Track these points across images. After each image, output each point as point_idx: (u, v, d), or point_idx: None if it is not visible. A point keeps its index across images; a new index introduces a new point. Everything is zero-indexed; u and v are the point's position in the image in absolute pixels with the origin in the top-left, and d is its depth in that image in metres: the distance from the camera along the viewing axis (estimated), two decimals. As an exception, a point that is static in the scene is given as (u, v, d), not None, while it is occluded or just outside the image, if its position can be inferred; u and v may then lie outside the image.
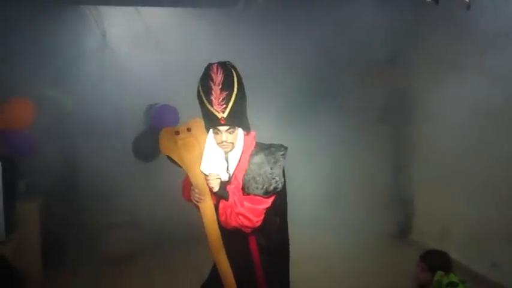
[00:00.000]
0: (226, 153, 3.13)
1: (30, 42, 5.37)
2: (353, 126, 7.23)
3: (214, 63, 3.02)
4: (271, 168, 3.10)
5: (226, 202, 3.11)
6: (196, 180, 3.22)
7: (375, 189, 7.06)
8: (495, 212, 5.11)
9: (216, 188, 3.07)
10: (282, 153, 3.15)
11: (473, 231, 5.48)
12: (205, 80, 2.99)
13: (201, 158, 3.18)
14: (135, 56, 5.63)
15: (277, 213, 3.30)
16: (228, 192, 3.11)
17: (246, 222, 3.06)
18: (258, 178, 3.08)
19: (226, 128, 3.02)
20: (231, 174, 3.14)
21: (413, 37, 5.99)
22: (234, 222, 3.08)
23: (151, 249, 6.25)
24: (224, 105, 2.96)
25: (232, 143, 3.08)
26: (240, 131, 3.10)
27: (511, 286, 4.97)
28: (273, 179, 3.08)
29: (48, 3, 5.57)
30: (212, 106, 2.98)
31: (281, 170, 3.11)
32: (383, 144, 7.03)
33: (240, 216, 3.05)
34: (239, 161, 3.13)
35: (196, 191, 3.15)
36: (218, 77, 2.99)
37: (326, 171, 6.49)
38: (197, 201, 3.17)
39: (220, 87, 2.98)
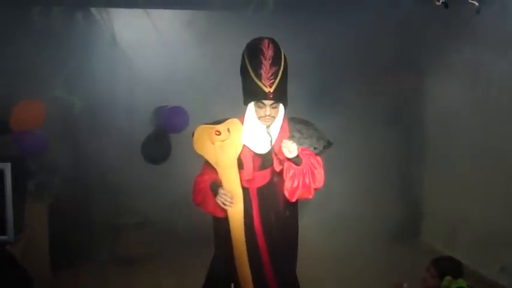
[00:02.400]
0: (268, 127, 3.16)
1: (40, 45, 5.40)
2: (361, 127, 7.23)
3: (264, 38, 3.07)
4: (315, 129, 3.30)
5: (297, 168, 3.10)
6: (230, 184, 3.20)
7: (383, 190, 7.05)
8: (505, 216, 5.09)
9: (295, 153, 3.03)
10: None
11: (482, 235, 5.45)
12: (255, 54, 3.03)
13: (236, 160, 3.19)
14: (145, 58, 5.64)
15: (292, 213, 3.42)
16: (300, 158, 3.10)
17: (318, 184, 3.17)
18: (309, 139, 3.26)
19: (271, 102, 3.06)
20: (273, 145, 3.18)
21: (423, 39, 5.97)
22: (303, 187, 3.13)
23: (161, 250, 6.25)
24: (272, 80, 3.01)
25: (274, 117, 3.13)
26: (281, 107, 3.15)
27: (520, 291, 4.95)
28: (320, 136, 3.29)
29: (58, 5, 5.60)
30: (261, 80, 3.01)
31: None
32: (391, 145, 7.01)
33: (313, 179, 3.14)
34: (279, 134, 3.19)
35: (228, 194, 3.14)
36: (269, 52, 3.02)
37: (333, 171, 6.47)
38: (226, 205, 3.16)
39: (270, 61, 3.01)
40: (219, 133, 3.17)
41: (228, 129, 3.20)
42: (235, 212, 3.23)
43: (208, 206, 3.31)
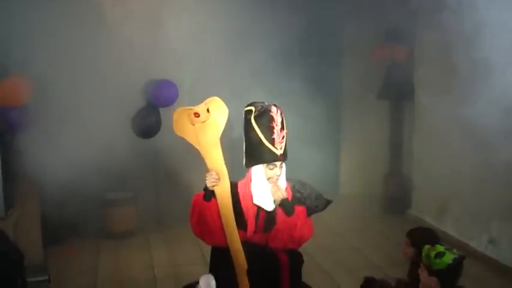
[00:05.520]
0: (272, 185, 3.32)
1: (27, 21, 5.31)
2: (353, 101, 7.24)
3: (270, 105, 3.27)
4: (311, 188, 3.48)
5: (287, 219, 3.33)
6: (213, 163, 3.27)
7: (373, 163, 7.09)
8: (494, 189, 5.13)
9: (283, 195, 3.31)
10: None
11: (471, 208, 5.51)
12: (266, 121, 3.22)
13: (218, 139, 3.27)
14: (133, 32, 5.58)
15: None
16: (294, 208, 3.35)
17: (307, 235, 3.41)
18: (309, 198, 3.43)
19: (279, 163, 3.28)
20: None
21: (415, 11, 5.93)
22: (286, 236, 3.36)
23: (152, 225, 6.29)
24: (282, 143, 3.25)
25: (280, 175, 3.33)
26: (284, 165, 3.36)
27: (508, 263, 5.00)
28: (318, 194, 3.47)
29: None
30: (273, 145, 3.21)
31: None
32: (383, 119, 7.03)
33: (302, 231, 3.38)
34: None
35: (213, 174, 3.25)
36: (278, 118, 3.25)
37: (324, 144, 6.49)
38: (213, 185, 3.27)
39: (279, 127, 3.24)
40: (198, 115, 3.22)
41: (208, 109, 3.24)
42: (221, 189, 3.29)
43: (202, 229, 3.39)
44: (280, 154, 3.25)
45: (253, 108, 3.27)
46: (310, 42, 6.53)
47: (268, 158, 3.25)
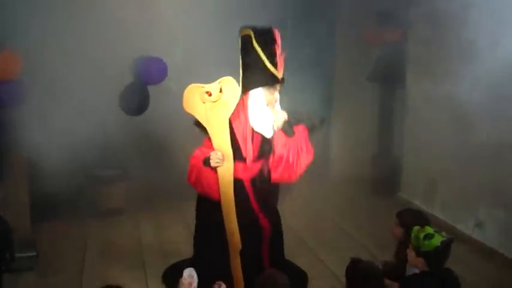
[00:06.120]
0: (271, 109, 3.36)
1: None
2: (344, 82, 7.22)
3: (273, 28, 3.27)
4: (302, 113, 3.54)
5: (289, 139, 3.35)
6: (220, 143, 3.27)
7: (363, 145, 7.10)
8: (481, 173, 5.16)
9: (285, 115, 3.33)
10: None
11: (459, 192, 5.55)
12: (270, 44, 3.22)
13: (227, 120, 3.27)
14: (124, 9, 5.51)
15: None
16: (294, 131, 3.38)
17: (299, 168, 3.42)
18: (305, 114, 3.52)
19: (279, 86, 3.33)
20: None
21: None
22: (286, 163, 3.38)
23: (141, 203, 6.28)
24: (282, 67, 3.28)
25: (277, 100, 3.38)
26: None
27: (494, 246, 5.05)
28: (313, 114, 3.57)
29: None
30: (276, 68, 3.21)
31: None
32: (373, 102, 7.03)
33: (297, 160, 3.37)
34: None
35: (218, 153, 3.25)
36: (279, 41, 3.26)
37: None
38: (217, 165, 3.27)
39: (281, 51, 3.27)
40: (210, 94, 3.20)
41: (221, 89, 3.21)
42: (225, 170, 3.30)
43: (203, 187, 3.42)
44: (281, 77, 3.26)
45: (251, 33, 3.23)
46: (301, 22, 6.49)
47: (266, 80, 3.24)
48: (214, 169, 3.31)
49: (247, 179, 3.48)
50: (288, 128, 3.33)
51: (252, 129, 3.33)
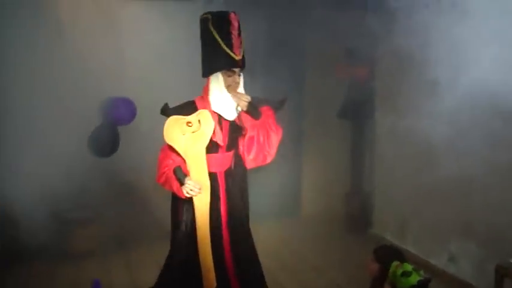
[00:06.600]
0: (232, 95, 3.37)
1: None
2: (313, 119, 7.26)
3: (230, 12, 3.31)
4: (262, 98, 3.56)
5: (256, 122, 3.40)
6: (198, 174, 3.29)
7: (334, 182, 7.12)
8: (451, 207, 5.20)
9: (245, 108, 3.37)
10: None
11: (431, 226, 5.57)
12: (225, 26, 3.25)
13: (204, 151, 3.31)
14: (91, 49, 5.52)
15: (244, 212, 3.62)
16: (260, 112, 3.42)
17: (271, 149, 3.46)
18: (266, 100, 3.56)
19: (238, 69, 3.33)
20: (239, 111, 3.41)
21: (375, 33, 6.03)
22: (258, 144, 3.44)
23: (112, 246, 6.15)
24: (240, 49, 3.28)
25: (239, 84, 3.38)
26: (241, 75, 3.42)
27: (467, 279, 5.06)
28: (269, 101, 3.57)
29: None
30: (232, 50, 3.23)
31: None
32: (343, 138, 7.07)
33: (268, 140, 3.42)
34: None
35: (197, 186, 3.24)
36: (236, 24, 3.29)
37: (284, 163, 6.49)
38: (193, 194, 3.25)
39: (237, 32, 3.29)
40: (191, 124, 3.27)
41: (199, 121, 3.30)
42: (201, 202, 3.31)
43: (172, 188, 3.37)
44: (239, 60, 3.28)
45: (209, 16, 3.29)
46: (272, 57, 6.57)
47: (226, 63, 3.27)
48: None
49: (222, 172, 3.50)
50: (253, 110, 3.37)
51: (219, 115, 3.38)
